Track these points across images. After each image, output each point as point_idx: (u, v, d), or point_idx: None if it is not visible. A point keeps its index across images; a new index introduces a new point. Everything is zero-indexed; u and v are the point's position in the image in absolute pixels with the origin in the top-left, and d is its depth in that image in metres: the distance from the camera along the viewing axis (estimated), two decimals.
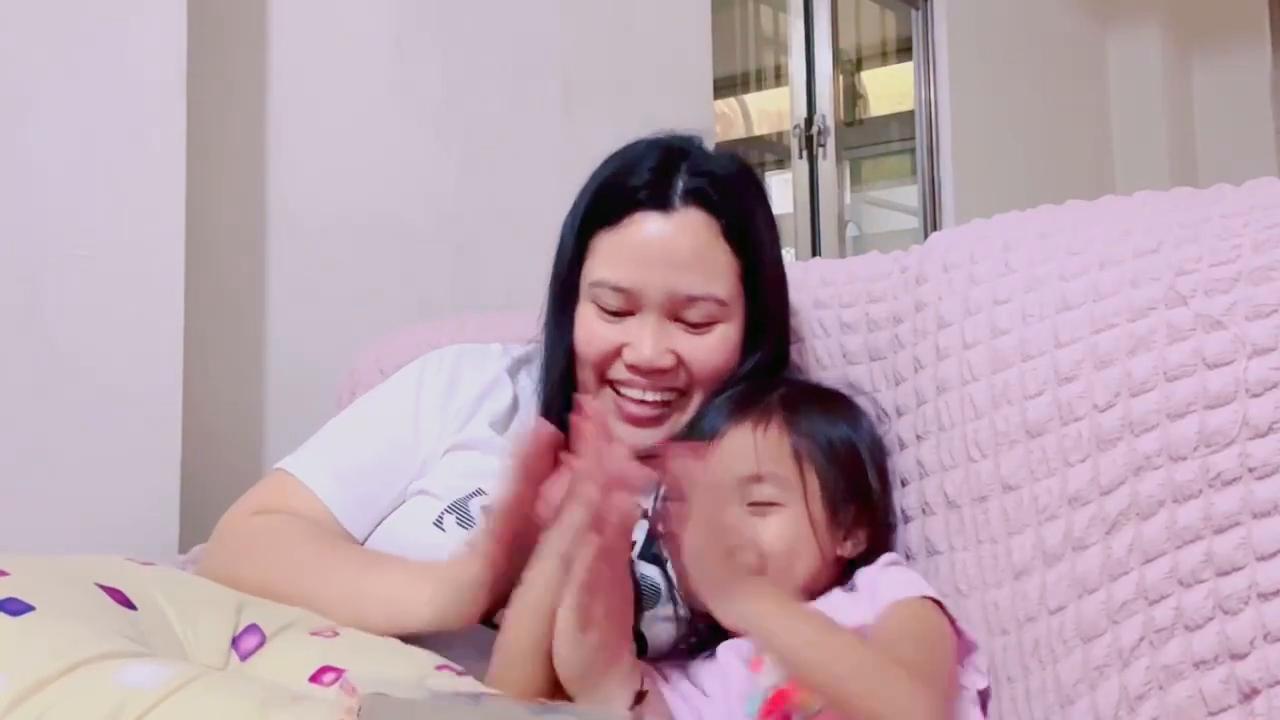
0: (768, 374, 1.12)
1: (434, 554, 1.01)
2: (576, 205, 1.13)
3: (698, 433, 1.05)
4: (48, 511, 1.37)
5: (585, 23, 2.28)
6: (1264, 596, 0.86)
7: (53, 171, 1.40)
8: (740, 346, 1.10)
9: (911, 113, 3.71)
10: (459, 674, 0.90)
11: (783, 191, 3.44)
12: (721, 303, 1.08)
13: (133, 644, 0.76)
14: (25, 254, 1.37)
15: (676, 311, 1.07)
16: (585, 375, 1.11)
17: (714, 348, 1.08)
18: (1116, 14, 4.41)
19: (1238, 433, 0.90)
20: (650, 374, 1.07)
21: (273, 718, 0.67)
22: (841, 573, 1.03)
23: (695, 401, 1.10)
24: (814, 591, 1.01)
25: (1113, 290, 1.01)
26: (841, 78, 3.62)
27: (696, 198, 1.07)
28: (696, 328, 1.08)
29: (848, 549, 1.03)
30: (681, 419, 1.10)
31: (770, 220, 1.14)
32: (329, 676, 0.84)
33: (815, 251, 3.34)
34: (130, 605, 0.84)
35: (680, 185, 1.07)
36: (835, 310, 1.25)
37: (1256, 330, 0.92)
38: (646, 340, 1.06)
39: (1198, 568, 0.90)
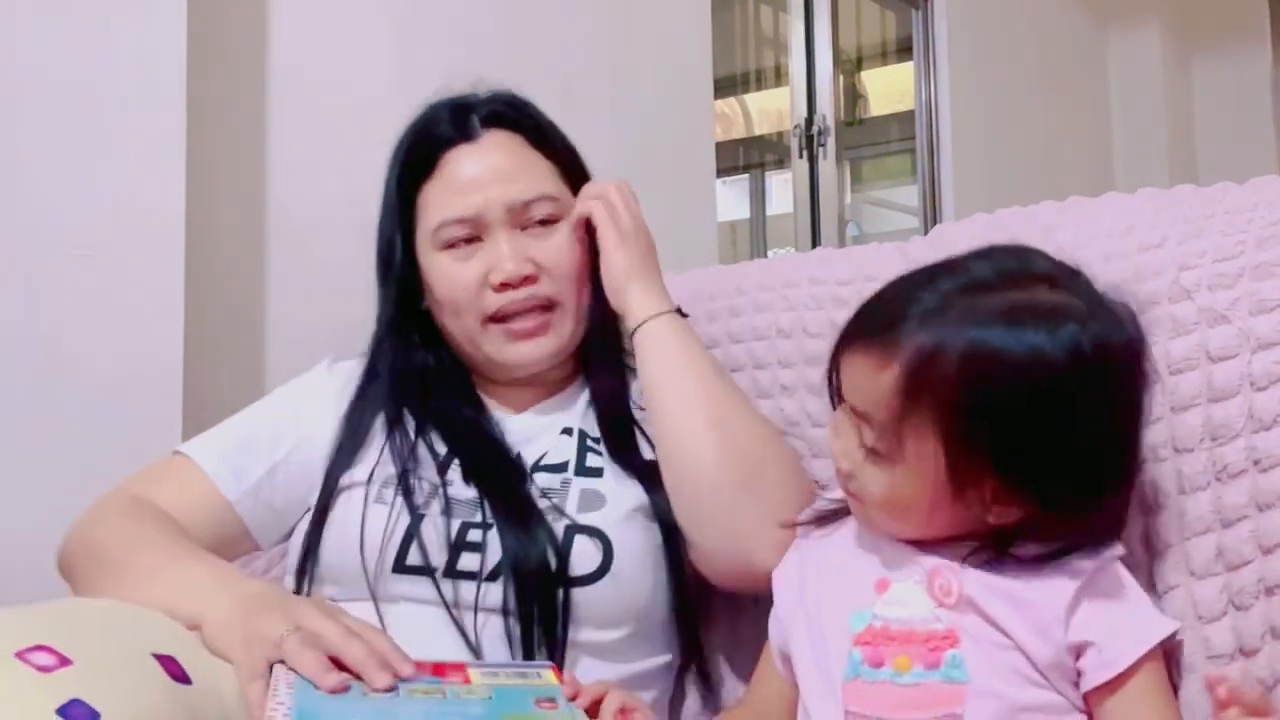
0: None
1: (380, 524, 1.05)
2: (392, 167, 1.18)
3: (874, 324, 0.85)
4: (48, 511, 1.36)
5: (585, 23, 2.28)
6: (1270, 590, 0.86)
7: (52, 171, 1.39)
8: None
9: (911, 113, 3.71)
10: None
11: (783, 191, 3.44)
12: (554, 199, 1.14)
13: None
14: (25, 254, 1.37)
15: (521, 220, 1.13)
16: (467, 323, 1.13)
17: (564, 244, 1.14)
18: (1116, 14, 4.42)
19: (1243, 426, 0.90)
20: (520, 285, 1.11)
21: None
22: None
23: (570, 303, 1.14)
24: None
25: (1116, 284, 1.00)
26: (841, 78, 3.61)
27: (495, 120, 1.16)
28: (543, 227, 1.14)
29: (993, 517, 0.82)
30: (565, 324, 1.14)
31: (565, 139, 1.21)
32: None
33: None
34: (185, 679, 0.84)
35: (476, 116, 1.16)
36: (831, 287, 1.23)
37: (1261, 325, 0.92)
38: (504, 254, 1.11)
39: (1210, 561, 0.90)
